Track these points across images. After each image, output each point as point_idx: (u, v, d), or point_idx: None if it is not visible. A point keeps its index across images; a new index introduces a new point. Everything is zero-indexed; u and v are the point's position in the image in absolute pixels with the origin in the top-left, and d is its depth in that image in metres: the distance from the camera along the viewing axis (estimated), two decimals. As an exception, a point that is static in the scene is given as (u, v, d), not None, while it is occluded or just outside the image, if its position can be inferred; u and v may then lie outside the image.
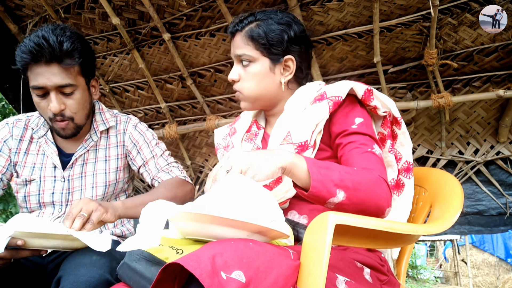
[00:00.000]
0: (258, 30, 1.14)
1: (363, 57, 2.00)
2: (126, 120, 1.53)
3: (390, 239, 0.91)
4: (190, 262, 0.68)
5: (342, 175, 0.92)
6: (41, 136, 1.44)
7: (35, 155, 1.44)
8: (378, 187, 0.96)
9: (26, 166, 1.43)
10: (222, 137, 1.38)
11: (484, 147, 2.10)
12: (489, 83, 1.93)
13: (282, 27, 1.14)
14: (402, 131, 1.17)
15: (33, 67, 1.25)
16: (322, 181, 0.90)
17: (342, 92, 1.09)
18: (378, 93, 1.12)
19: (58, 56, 1.23)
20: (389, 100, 1.13)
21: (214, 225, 0.80)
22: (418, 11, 1.77)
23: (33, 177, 1.42)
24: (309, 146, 1.07)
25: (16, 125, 1.45)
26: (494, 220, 2.12)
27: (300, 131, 1.08)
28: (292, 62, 1.16)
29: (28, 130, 1.45)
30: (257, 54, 1.15)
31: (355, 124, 1.07)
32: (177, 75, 2.33)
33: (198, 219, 0.81)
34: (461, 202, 1.05)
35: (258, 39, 1.13)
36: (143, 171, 1.49)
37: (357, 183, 0.93)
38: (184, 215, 0.81)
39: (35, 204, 1.42)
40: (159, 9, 2.05)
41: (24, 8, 2.24)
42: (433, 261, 13.77)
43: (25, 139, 1.45)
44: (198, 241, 0.91)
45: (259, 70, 1.15)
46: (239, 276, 0.68)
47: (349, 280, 0.86)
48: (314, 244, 0.78)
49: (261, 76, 1.16)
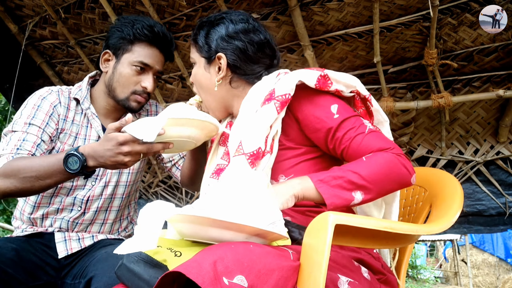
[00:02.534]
0: (197, 33, 1.19)
1: (363, 57, 2.00)
2: (153, 103, 1.61)
3: (390, 238, 0.92)
4: (192, 269, 0.67)
5: (352, 177, 0.93)
6: (87, 108, 1.44)
7: (79, 126, 1.44)
8: (394, 165, 0.96)
9: (71, 135, 1.42)
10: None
11: (484, 147, 2.10)
12: (489, 83, 1.93)
13: (213, 27, 1.16)
14: (375, 108, 1.13)
15: (146, 46, 1.38)
16: (334, 194, 0.91)
17: (289, 89, 1.03)
18: (337, 74, 1.06)
19: (167, 49, 1.43)
20: (351, 78, 1.08)
21: (212, 228, 0.80)
22: (418, 11, 1.77)
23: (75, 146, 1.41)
24: (265, 152, 1.02)
25: (62, 94, 1.44)
26: (493, 220, 2.13)
27: (251, 139, 1.02)
28: (223, 60, 1.14)
29: (72, 100, 1.44)
30: (196, 55, 1.19)
31: (335, 114, 1.03)
32: (177, 75, 2.33)
33: (196, 221, 0.80)
34: (461, 202, 1.05)
35: (196, 41, 1.19)
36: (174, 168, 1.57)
37: (371, 175, 0.94)
38: (182, 217, 0.81)
39: None
40: (159, 9, 2.05)
41: (24, 8, 2.23)
42: (433, 261, 13.78)
43: (71, 109, 1.44)
44: (196, 242, 0.91)
45: (198, 71, 1.19)
46: (241, 281, 0.67)
47: (352, 280, 0.86)
48: (314, 245, 0.78)
49: (200, 76, 1.19)
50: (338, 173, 0.95)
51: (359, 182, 0.93)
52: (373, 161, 0.96)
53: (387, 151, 0.99)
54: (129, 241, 0.81)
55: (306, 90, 1.05)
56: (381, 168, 0.95)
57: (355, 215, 0.95)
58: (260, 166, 1.02)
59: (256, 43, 1.14)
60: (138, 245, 0.80)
